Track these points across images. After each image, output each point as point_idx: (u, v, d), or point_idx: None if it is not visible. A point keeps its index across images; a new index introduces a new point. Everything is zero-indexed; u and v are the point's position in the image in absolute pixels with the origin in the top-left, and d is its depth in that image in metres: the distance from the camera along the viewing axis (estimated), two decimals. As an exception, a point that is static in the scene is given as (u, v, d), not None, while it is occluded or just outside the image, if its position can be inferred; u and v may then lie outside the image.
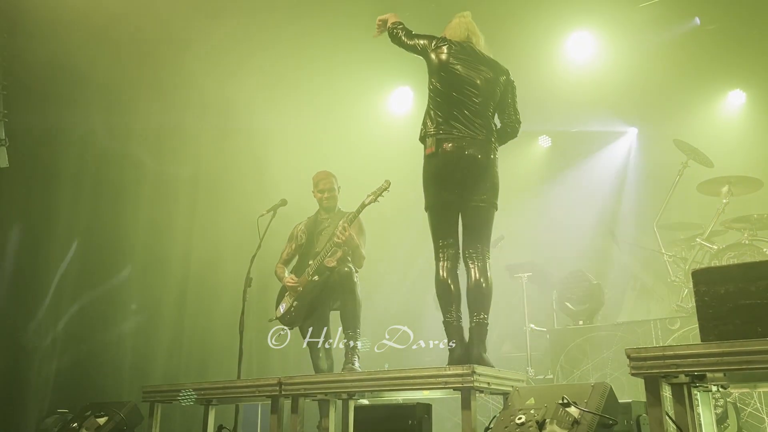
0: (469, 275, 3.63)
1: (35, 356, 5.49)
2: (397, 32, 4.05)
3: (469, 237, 3.71)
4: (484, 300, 3.59)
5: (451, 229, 3.73)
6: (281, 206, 5.01)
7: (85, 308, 5.89)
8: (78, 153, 6.11)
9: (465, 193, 3.72)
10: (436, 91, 3.90)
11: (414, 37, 4.01)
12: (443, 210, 3.74)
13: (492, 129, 3.88)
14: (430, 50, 3.93)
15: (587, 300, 6.33)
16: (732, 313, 2.40)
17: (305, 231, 4.85)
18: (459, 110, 3.79)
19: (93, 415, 3.97)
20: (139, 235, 6.45)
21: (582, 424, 2.52)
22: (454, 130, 3.74)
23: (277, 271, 4.83)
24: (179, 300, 6.73)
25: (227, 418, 4.48)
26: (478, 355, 3.43)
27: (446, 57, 3.88)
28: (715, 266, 2.51)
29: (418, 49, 3.98)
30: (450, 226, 3.73)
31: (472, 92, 3.83)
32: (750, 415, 4.70)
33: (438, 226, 3.74)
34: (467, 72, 3.87)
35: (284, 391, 3.55)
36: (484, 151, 3.76)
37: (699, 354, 2.34)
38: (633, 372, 2.46)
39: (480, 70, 3.90)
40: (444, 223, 3.73)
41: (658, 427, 2.39)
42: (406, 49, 4.03)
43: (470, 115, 3.78)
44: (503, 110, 4.02)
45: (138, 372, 6.03)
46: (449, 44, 3.93)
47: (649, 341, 5.34)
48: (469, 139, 3.73)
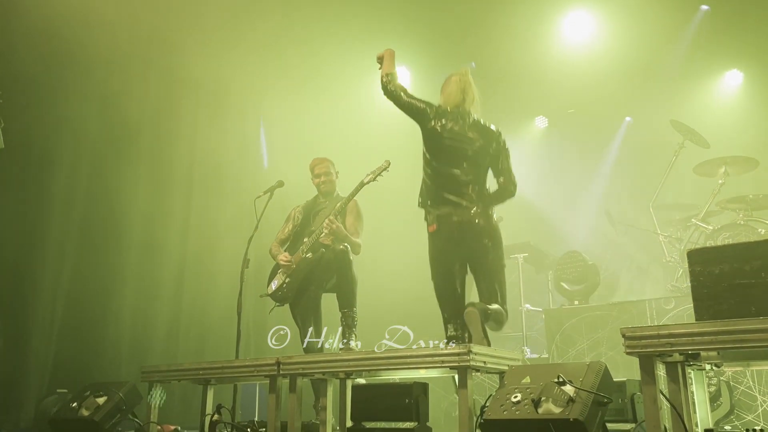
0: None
1: (34, 337, 5.50)
2: (394, 89, 3.93)
3: (488, 296, 3.80)
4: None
5: (459, 302, 3.81)
6: (278, 188, 5.01)
7: (83, 289, 5.90)
8: (74, 136, 6.08)
9: (474, 261, 3.86)
10: (430, 165, 3.92)
11: (411, 96, 3.95)
12: (450, 283, 3.82)
13: (486, 193, 3.96)
14: (426, 120, 3.91)
15: (583, 280, 6.37)
16: (726, 292, 2.42)
17: (302, 212, 4.85)
18: (454, 184, 3.86)
19: (92, 395, 3.99)
20: (136, 216, 6.44)
21: (577, 402, 2.55)
22: (452, 205, 3.82)
23: (272, 249, 4.82)
24: (177, 281, 6.75)
25: (226, 397, 4.52)
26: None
27: (440, 131, 3.89)
28: (710, 246, 2.52)
29: (413, 110, 3.94)
30: (456, 299, 3.82)
31: (464, 165, 3.88)
32: (743, 393, 4.75)
33: (445, 298, 3.83)
34: (461, 145, 3.90)
35: (282, 370, 3.58)
36: (485, 217, 3.85)
37: (694, 333, 2.36)
38: (628, 351, 2.48)
39: (471, 141, 3.92)
40: (451, 296, 3.82)
41: (653, 405, 2.42)
42: (400, 106, 3.94)
43: (465, 187, 3.86)
44: (498, 174, 4.05)
45: (136, 352, 6.06)
46: (445, 116, 3.92)
47: (643, 321, 5.38)
48: (468, 210, 3.82)
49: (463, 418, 3.01)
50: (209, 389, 4.25)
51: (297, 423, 3.47)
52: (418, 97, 3.96)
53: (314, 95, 7.77)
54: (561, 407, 2.56)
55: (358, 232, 4.59)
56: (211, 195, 7.13)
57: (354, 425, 3.54)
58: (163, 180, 6.79)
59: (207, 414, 4.11)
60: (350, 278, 4.23)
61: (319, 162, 4.89)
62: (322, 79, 7.73)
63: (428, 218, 3.88)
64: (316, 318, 4.56)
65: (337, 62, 7.57)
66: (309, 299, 4.54)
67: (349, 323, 4.15)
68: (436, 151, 3.90)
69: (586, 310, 5.93)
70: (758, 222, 5.50)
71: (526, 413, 2.62)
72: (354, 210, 4.64)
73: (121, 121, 6.41)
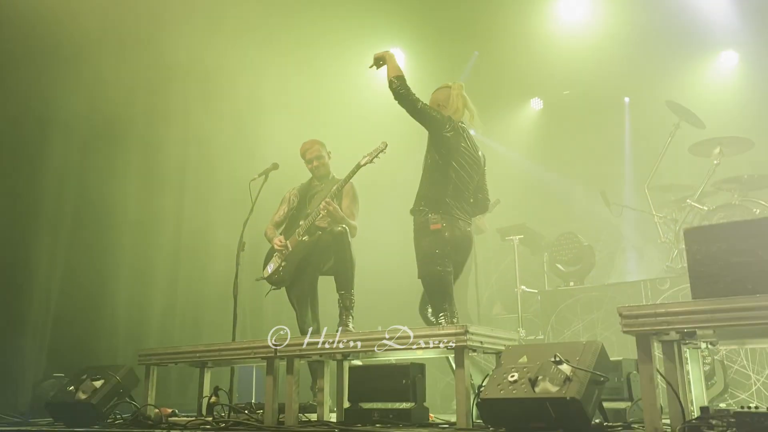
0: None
1: (31, 322, 5.50)
2: (407, 93, 3.87)
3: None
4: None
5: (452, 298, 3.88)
6: (273, 170, 4.98)
7: (79, 274, 5.88)
8: (64, 122, 6.04)
9: (457, 268, 3.97)
10: (440, 170, 3.90)
11: (425, 104, 3.93)
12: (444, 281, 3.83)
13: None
14: (443, 128, 3.87)
15: (578, 261, 6.38)
16: (723, 271, 2.43)
17: (297, 195, 4.81)
18: (463, 194, 3.96)
19: (89, 379, 3.98)
20: (130, 200, 6.42)
21: (574, 381, 2.56)
22: (458, 214, 3.89)
23: (267, 232, 4.78)
24: (172, 264, 6.74)
25: (223, 380, 4.53)
26: None
27: (458, 141, 3.92)
28: (706, 225, 2.53)
29: (429, 118, 3.88)
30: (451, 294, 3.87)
31: (474, 178, 4.02)
32: (737, 372, 4.79)
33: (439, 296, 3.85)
34: (473, 159, 4.00)
35: (279, 352, 3.58)
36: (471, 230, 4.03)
37: (690, 311, 2.37)
38: (625, 330, 2.49)
39: (478, 157, 4.06)
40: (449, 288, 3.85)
41: (649, 383, 2.43)
42: (413, 111, 3.88)
43: (468, 199, 4.01)
44: (479, 191, 4.16)
45: (133, 336, 6.06)
46: (458, 128, 3.95)
47: (638, 301, 5.40)
48: (468, 223, 3.99)
49: (461, 398, 3.02)
50: (206, 372, 4.26)
51: (294, 405, 3.48)
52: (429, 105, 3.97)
53: (309, 76, 7.72)
54: (558, 386, 2.57)
55: (354, 215, 4.56)
56: (205, 178, 7.10)
57: (351, 406, 3.55)
58: (156, 164, 6.76)
59: (204, 396, 4.12)
60: (348, 260, 4.20)
61: (309, 146, 4.79)
62: (317, 60, 7.68)
63: (430, 217, 3.83)
64: (313, 301, 4.55)
65: (331, 42, 7.52)
66: (305, 282, 4.52)
67: (347, 305, 4.14)
68: (452, 159, 3.90)
69: (582, 291, 5.96)
70: (753, 202, 5.50)
71: (523, 392, 2.63)
72: (350, 192, 4.60)
73: (111, 105, 6.36)
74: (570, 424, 2.52)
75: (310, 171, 4.81)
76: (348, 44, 7.56)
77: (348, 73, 7.83)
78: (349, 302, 4.13)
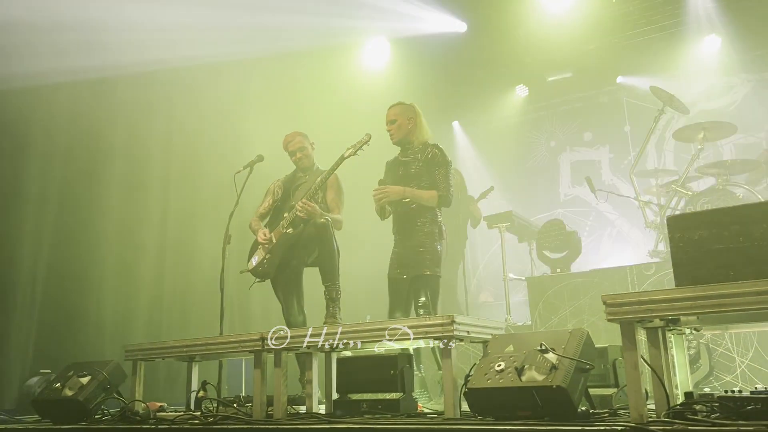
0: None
1: (15, 318, 5.45)
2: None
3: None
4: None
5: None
6: (258, 162, 4.95)
7: (63, 269, 5.84)
8: (48, 110, 5.96)
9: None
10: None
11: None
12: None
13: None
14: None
15: (564, 248, 6.41)
16: (705, 257, 2.44)
17: (282, 186, 4.79)
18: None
19: (75, 375, 3.95)
20: (114, 193, 6.36)
21: (560, 370, 2.57)
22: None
23: (252, 224, 4.77)
24: (158, 258, 6.70)
25: (212, 374, 4.52)
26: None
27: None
28: (688, 212, 2.54)
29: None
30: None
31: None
32: (721, 355, 4.84)
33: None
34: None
35: (267, 345, 3.58)
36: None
37: (673, 299, 2.38)
38: (609, 318, 2.50)
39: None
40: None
41: (634, 370, 2.45)
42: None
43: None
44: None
45: (119, 331, 6.03)
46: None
47: (624, 287, 5.44)
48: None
49: (448, 388, 3.03)
50: (194, 366, 4.24)
51: (283, 397, 3.48)
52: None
53: (293, 68, 7.67)
54: (544, 375, 2.59)
55: (339, 208, 4.54)
56: (190, 170, 7.05)
57: (340, 397, 3.56)
58: (140, 158, 6.70)
59: (192, 391, 4.11)
60: (332, 251, 4.19)
61: (291, 138, 4.77)
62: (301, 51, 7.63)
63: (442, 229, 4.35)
64: (298, 293, 4.54)
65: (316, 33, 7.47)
66: (290, 274, 4.51)
67: (333, 296, 4.13)
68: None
69: (568, 277, 5.99)
70: (736, 186, 5.55)
71: (509, 381, 2.65)
72: (335, 185, 4.58)
73: (95, 95, 6.29)
74: (556, 411, 2.54)
75: (294, 163, 4.79)
76: (332, 34, 7.52)
77: (333, 64, 7.80)
78: (335, 293, 4.13)
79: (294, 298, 4.49)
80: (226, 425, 3.15)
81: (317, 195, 4.47)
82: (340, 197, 4.57)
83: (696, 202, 5.58)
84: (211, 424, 3.18)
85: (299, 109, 7.37)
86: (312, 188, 4.38)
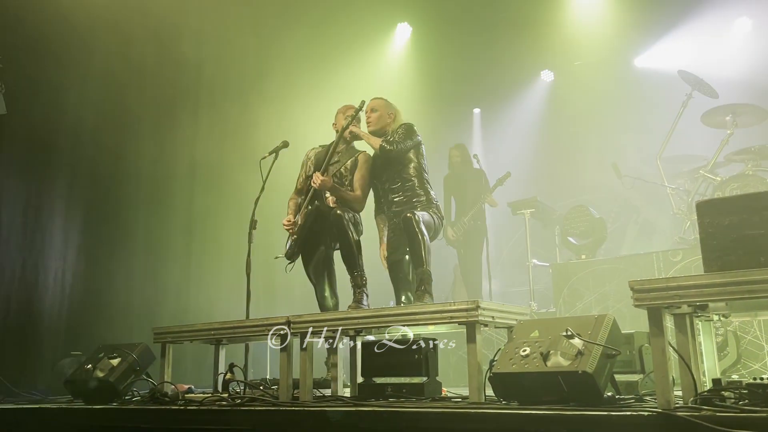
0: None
1: (47, 301, 5.57)
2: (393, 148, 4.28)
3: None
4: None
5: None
6: (283, 148, 4.94)
7: (93, 253, 5.94)
8: (77, 96, 6.05)
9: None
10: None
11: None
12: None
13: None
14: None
15: (590, 234, 6.37)
16: (735, 243, 2.41)
17: (314, 161, 4.69)
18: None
19: (106, 357, 4.03)
20: (143, 177, 6.45)
21: (585, 355, 2.57)
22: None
23: (289, 203, 4.69)
24: (185, 243, 6.79)
25: (237, 357, 4.58)
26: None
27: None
28: (718, 197, 2.50)
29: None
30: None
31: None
32: (749, 343, 4.79)
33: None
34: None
35: (293, 329, 3.62)
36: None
37: (702, 285, 2.36)
38: (636, 303, 2.49)
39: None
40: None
41: (661, 356, 2.43)
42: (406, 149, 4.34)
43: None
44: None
45: (147, 314, 6.13)
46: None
47: (650, 274, 5.39)
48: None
49: (473, 372, 3.05)
50: (221, 349, 4.31)
51: (309, 380, 3.52)
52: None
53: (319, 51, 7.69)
54: (570, 360, 2.59)
55: (362, 188, 4.45)
56: (217, 155, 7.12)
57: (364, 381, 3.59)
58: (169, 142, 6.77)
59: (220, 373, 4.17)
60: (349, 243, 4.14)
61: (345, 110, 4.63)
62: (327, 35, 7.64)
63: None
64: (330, 276, 4.51)
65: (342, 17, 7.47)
66: (320, 257, 4.46)
67: (357, 283, 4.13)
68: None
69: (594, 264, 5.95)
70: (767, 172, 5.46)
71: (534, 366, 2.65)
72: (365, 165, 4.48)
73: (124, 80, 6.37)
74: (582, 397, 2.53)
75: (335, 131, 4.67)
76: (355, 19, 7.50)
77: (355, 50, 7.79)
78: (360, 280, 4.13)
79: (325, 282, 4.48)
80: (254, 407, 3.19)
81: (345, 178, 4.43)
82: (366, 177, 4.49)
83: (725, 188, 5.50)
84: (239, 405, 3.23)
85: (320, 95, 7.37)
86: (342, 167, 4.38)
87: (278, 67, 7.65)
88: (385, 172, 4.40)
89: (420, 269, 3.96)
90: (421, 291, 3.93)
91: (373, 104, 4.55)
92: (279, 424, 3.01)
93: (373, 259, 4.54)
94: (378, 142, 4.30)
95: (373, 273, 4.45)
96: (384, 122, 4.47)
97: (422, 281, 3.94)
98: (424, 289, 3.92)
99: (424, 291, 3.92)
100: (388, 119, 4.48)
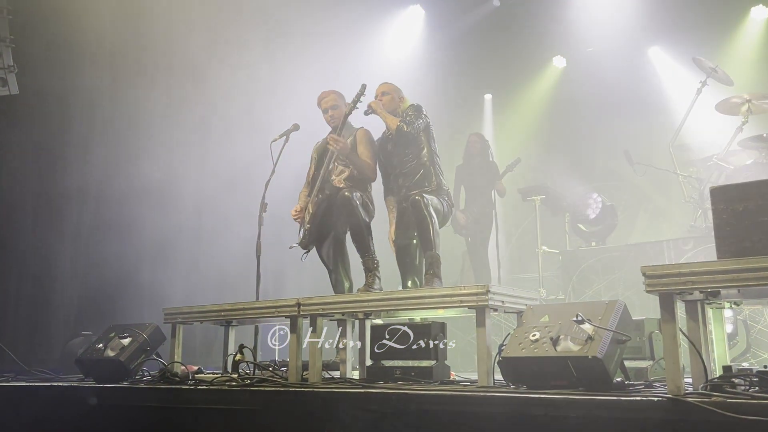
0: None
1: (59, 282, 5.62)
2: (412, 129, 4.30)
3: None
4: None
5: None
6: (294, 131, 4.93)
7: (104, 234, 5.98)
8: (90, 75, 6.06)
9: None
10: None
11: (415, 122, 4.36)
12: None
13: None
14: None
15: (600, 221, 6.34)
16: (749, 230, 2.39)
17: (316, 153, 4.72)
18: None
19: (117, 336, 4.07)
20: (154, 160, 6.47)
21: (596, 340, 2.57)
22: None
23: (300, 195, 4.73)
24: (195, 225, 6.81)
25: (247, 338, 4.60)
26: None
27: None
28: (733, 184, 2.47)
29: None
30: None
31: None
32: (759, 332, 4.77)
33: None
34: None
35: (302, 311, 3.63)
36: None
37: (715, 271, 2.35)
38: (648, 289, 2.47)
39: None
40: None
41: (672, 343, 2.43)
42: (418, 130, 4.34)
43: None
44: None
45: (157, 295, 6.16)
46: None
47: (661, 262, 5.36)
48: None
49: (482, 356, 3.05)
50: (231, 330, 4.33)
51: (318, 362, 3.54)
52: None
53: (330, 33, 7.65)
54: (580, 345, 2.59)
55: (369, 159, 4.44)
56: (228, 137, 7.12)
57: (373, 364, 3.60)
58: (180, 123, 6.79)
59: (229, 354, 4.20)
60: (359, 225, 4.14)
61: (324, 95, 4.66)
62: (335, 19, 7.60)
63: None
64: (343, 260, 4.52)
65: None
66: (332, 242, 4.47)
67: (369, 266, 4.13)
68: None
69: (603, 251, 5.93)
70: (781, 161, 5.40)
71: (544, 351, 2.65)
72: (364, 138, 4.50)
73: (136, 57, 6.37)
74: (591, 382, 2.53)
75: (326, 122, 4.68)
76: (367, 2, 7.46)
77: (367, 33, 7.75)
78: (371, 264, 4.12)
79: (339, 266, 4.49)
80: (263, 387, 3.21)
81: (350, 156, 4.43)
82: (369, 148, 4.48)
83: (738, 176, 5.44)
84: (248, 386, 3.25)
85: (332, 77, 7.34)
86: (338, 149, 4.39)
87: (288, 51, 7.62)
88: (396, 155, 4.39)
89: (429, 252, 3.95)
90: (430, 274, 3.92)
91: (384, 88, 4.60)
92: (288, 404, 3.03)
93: (386, 243, 4.54)
94: (395, 121, 4.30)
95: (389, 257, 4.45)
96: (395, 104, 4.51)
97: (431, 265, 3.94)
98: (433, 273, 3.92)
99: (433, 275, 3.91)
100: (399, 102, 4.51)
